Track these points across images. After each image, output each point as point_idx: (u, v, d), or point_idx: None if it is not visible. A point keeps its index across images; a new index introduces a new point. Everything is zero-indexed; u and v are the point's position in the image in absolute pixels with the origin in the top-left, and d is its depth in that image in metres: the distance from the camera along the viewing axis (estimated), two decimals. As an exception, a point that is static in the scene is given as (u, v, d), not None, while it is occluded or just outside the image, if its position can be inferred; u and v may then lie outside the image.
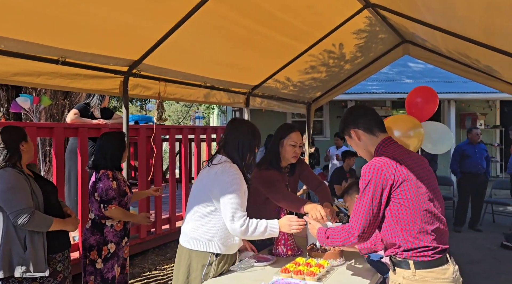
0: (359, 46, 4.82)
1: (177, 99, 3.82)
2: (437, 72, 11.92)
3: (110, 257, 2.81)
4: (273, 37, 3.67)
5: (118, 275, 2.89)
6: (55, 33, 2.40)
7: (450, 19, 3.11)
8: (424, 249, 1.70)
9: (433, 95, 4.08)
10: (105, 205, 2.74)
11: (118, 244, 2.86)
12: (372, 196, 1.69)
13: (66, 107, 5.75)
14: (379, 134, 1.85)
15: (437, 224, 1.72)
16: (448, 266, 1.72)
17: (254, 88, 4.76)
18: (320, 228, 1.95)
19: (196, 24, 2.86)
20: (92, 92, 3.92)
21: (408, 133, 2.82)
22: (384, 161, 1.72)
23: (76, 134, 3.64)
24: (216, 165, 2.16)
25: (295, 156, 2.62)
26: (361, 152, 1.92)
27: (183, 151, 5.11)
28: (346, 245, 1.82)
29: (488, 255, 4.91)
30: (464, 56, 4.38)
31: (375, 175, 1.69)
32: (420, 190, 1.70)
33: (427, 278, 1.69)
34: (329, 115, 10.22)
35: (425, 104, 3.88)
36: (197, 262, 2.12)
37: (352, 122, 1.89)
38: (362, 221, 1.71)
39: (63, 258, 2.48)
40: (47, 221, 2.34)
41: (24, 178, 2.32)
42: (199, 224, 2.13)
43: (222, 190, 2.07)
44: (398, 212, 1.70)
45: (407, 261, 1.71)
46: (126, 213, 2.86)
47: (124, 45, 2.85)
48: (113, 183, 2.79)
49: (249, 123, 2.33)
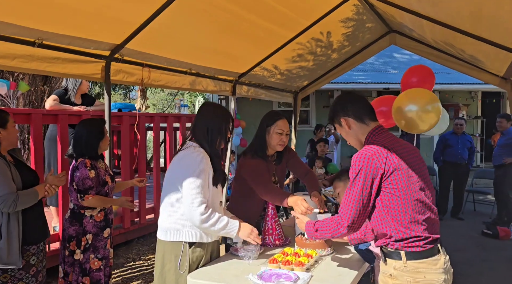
0: (346, 35, 4.77)
1: (161, 86, 3.72)
2: (422, 62, 12.02)
3: (88, 248, 2.73)
4: (260, 24, 3.59)
5: (100, 267, 2.80)
6: (31, 13, 2.27)
7: (438, 8, 3.08)
8: (416, 239, 1.67)
9: (430, 74, 3.86)
10: (82, 195, 2.65)
11: (97, 234, 2.77)
12: (363, 185, 1.65)
13: (45, 93, 5.56)
14: (370, 122, 1.81)
15: (428, 213, 1.70)
16: (440, 257, 1.70)
17: (241, 76, 4.68)
18: (308, 222, 1.92)
19: (182, 7, 2.76)
20: (72, 77, 3.77)
21: (426, 108, 2.63)
22: (374, 149, 1.68)
23: (56, 121, 3.51)
24: (180, 150, 2.12)
25: (282, 144, 2.57)
26: (351, 141, 1.87)
27: (168, 139, 5.01)
28: (336, 236, 1.79)
29: (471, 243, 5.00)
30: (449, 46, 4.39)
31: (365, 164, 1.65)
32: (411, 179, 1.67)
33: (418, 268, 1.67)
34: (315, 105, 10.21)
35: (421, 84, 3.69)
36: (170, 253, 2.07)
37: (342, 110, 1.85)
38: (352, 211, 1.67)
39: (38, 250, 2.40)
40: (32, 195, 2.28)
41: (4, 163, 2.24)
42: (168, 213, 2.08)
43: (183, 174, 2.01)
44: (389, 202, 1.67)
45: (399, 251, 1.68)
46: (104, 199, 2.75)
47: (106, 28, 2.73)
48: (91, 172, 2.68)
49: (218, 107, 2.25)
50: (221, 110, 2.22)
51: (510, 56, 3.51)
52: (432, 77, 3.75)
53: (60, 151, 3.54)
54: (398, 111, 2.40)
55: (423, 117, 2.44)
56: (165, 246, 2.09)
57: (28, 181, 2.37)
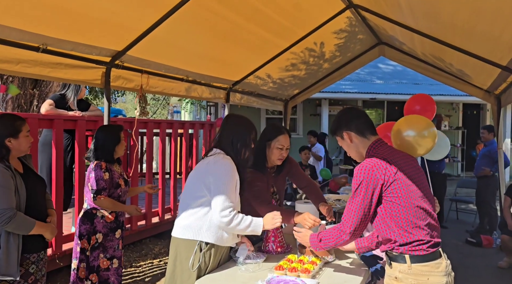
0: (338, 46, 4.89)
1: (158, 93, 3.74)
2: (405, 74, 12.33)
3: (97, 246, 2.82)
4: (257, 33, 3.66)
5: (108, 266, 2.86)
6: (37, 19, 2.27)
7: (432, 23, 3.21)
8: (419, 243, 1.77)
9: (431, 103, 4.15)
10: (95, 195, 2.75)
11: (107, 234, 2.86)
12: (364, 196, 1.76)
13: (35, 97, 5.48)
14: (370, 137, 1.91)
15: (429, 219, 1.80)
16: (442, 260, 1.80)
17: (235, 83, 4.73)
18: (312, 234, 2.00)
19: (184, 16, 2.80)
20: (73, 83, 3.74)
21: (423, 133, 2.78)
22: (374, 161, 1.78)
23: (51, 126, 3.47)
24: (209, 156, 2.18)
25: (281, 159, 2.60)
26: (352, 153, 1.97)
27: (161, 145, 5.00)
28: (339, 244, 1.87)
29: (455, 251, 5.13)
30: (439, 60, 4.55)
31: (366, 176, 1.75)
32: (410, 188, 1.77)
33: (422, 271, 1.76)
34: (302, 113, 10.34)
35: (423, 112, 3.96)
36: (183, 251, 2.09)
37: (345, 125, 1.94)
38: (354, 219, 1.78)
39: (38, 259, 2.35)
40: (28, 224, 2.20)
41: (10, 175, 2.17)
42: (190, 213, 2.12)
43: (213, 179, 2.07)
44: (391, 209, 1.77)
45: (403, 255, 1.78)
46: (115, 203, 2.85)
47: (108, 35, 2.74)
48: (105, 174, 2.79)
49: (244, 119, 2.31)
50: (245, 121, 2.29)
51: (497, 71, 3.67)
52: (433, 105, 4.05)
53: (55, 155, 3.49)
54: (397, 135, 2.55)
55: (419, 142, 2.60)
56: (178, 244, 2.12)
57: (34, 190, 2.32)
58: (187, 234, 2.10)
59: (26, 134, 2.28)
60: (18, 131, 2.23)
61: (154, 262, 4.48)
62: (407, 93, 10.34)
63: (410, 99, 4.38)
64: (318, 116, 10.56)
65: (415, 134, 2.61)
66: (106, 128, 2.95)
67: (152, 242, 5.05)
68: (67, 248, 3.61)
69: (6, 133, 2.20)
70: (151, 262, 4.46)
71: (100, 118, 4.06)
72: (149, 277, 4.08)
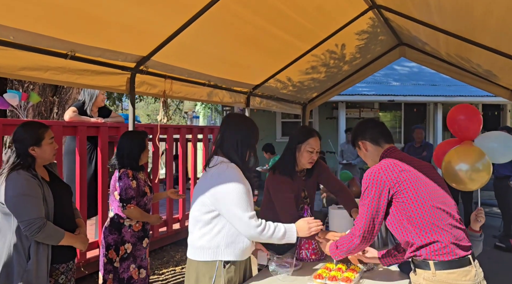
0: (359, 47, 4.82)
1: (181, 98, 3.71)
2: (422, 75, 12.17)
3: (127, 257, 2.77)
4: (279, 36, 3.62)
5: (138, 276, 2.83)
6: (66, 26, 2.26)
7: (462, 22, 3.12)
8: (440, 245, 1.69)
9: (477, 113, 3.89)
10: (124, 204, 2.70)
11: (135, 244, 2.82)
12: (371, 199, 1.78)
13: (55, 104, 5.52)
14: (384, 145, 1.96)
15: (450, 220, 1.74)
16: (471, 268, 1.70)
17: (255, 87, 4.69)
18: (331, 243, 2.01)
19: (208, 21, 2.77)
20: (99, 89, 3.75)
21: (476, 166, 2.65)
22: (382, 164, 1.82)
23: (75, 133, 3.47)
24: (211, 167, 2.01)
25: (311, 162, 2.54)
26: (369, 162, 2.01)
27: (181, 151, 4.98)
28: (351, 248, 1.86)
29: (484, 256, 4.96)
30: (464, 60, 4.44)
31: (372, 180, 1.78)
32: (425, 189, 1.75)
33: (447, 279, 1.67)
34: (318, 117, 10.24)
35: (468, 122, 3.81)
36: (204, 274, 1.95)
37: (360, 134, 2.03)
38: (362, 222, 1.80)
39: (67, 269, 2.33)
40: (58, 235, 2.18)
41: (37, 183, 2.15)
42: (202, 232, 1.98)
43: (222, 194, 1.91)
44: (405, 210, 1.74)
45: (427, 261, 1.70)
46: (143, 213, 2.81)
47: (134, 40, 2.73)
48: (133, 182, 2.75)
49: (245, 118, 2.17)
50: (248, 121, 2.13)
51: (528, 70, 3.56)
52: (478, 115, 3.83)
53: (78, 163, 3.49)
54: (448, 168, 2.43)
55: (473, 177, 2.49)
56: (198, 266, 1.98)
57: (61, 199, 2.30)
58: (204, 256, 1.96)
59: (49, 142, 2.25)
60: (40, 139, 2.21)
61: (177, 269, 4.44)
62: (425, 95, 10.19)
63: (454, 109, 4.12)
64: (335, 119, 10.45)
65: (468, 169, 2.49)
66: (130, 135, 2.91)
67: (173, 249, 5.02)
68: (92, 256, 3.59)
69: (30, 142, 2.18)
70: (174, 270, 4.42)
71: (122, 125, 4.05)
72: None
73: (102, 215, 3.55)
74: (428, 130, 10.82)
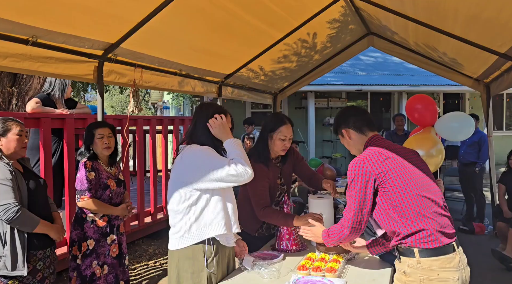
0: (330, 36, 4.82)
1: (151, 88, 3.57)
2: (387, 65, 12.44)
3: (89, 254, 2.65)
4: (253, 23, 3.54)
5: (103, 274, 2.69)
6: (26, 8, 2.09)
7: (433, 11, 3.16)
8: (425, 233, 1.69)
9: (430, 101, 4.54)
10: (79, 195, 2.59)
11: (99, 240, 2.68)
12: (358, 190, 1.75)
13: (13, 95, 5.18)
14: (368, 133, 1.92)
15: (435, 208, 1.73)
16: (455, 256, 1.71)
17: (227, 77, 4.60)
18: (324, 230, 1.97)
19: (181, 5, 2.66)
20: (64, 78, 3.53)
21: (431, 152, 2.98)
22: (366, 154, 1.78)
23: (38, 125, 3.26)
24: (178, 155, 1.98)
25: (284, 149, 2.51)
26: (353, 150, 1.98)
27: (151, 142, 4.82)
28: (341, 238, 1.84)
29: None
30: (431, 49, 4.54)
31: (357, 171, 1.75)
32: (410, 177, 1.74)
33: (431, 266, 1.68)
34: (287, 106, 10.25)
35: (424, 110, 4.38)
36: (188, 262, 1.90)
37: (343, 122, 1.97)
38: (351, 213, 1.77)
39: (44, 256, 2.32)
40: (33, 222, 2.20)
41: (9, 170, 2.15)
42: (184, 221, 1.93)
43: (196, 166, 1.86)
44: (391, 199, 1.73)
45: (412, 249, 1.71)
46: (103, 205, 2.66)
47: (102, 26, 2.57)
48: (90, 174, 2.61)
49: (219, 106, 2.12)
50: (220, 109, 2.08)
51: (493, 59, 3.68)
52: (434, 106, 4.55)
53: (43, 157, 3.29)
54: None
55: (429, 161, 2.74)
56: (180, 257, 1.93)
57: (35, 189, 2.28)
58: (192, 239, 1.90)
59: (16, 134, 2.24)
60: (7, 130, 2.23)
61: (150, 263, 4.33)
62: (390, 84, 10.43)
63: (411, 100, 4.69)
64: (304, 109, 10.52)
65: (423, 155, 2.68)
66: (87, 127, 2.77)
67: (145, 243, 4.89)
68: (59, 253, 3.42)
69: None
70: (147, 264, 4.31)
71: (89, 116, 3.86)
72: (146, 279, 3.93)
73: (70, 210, 3.38)
74: (393, 118, 11.13)
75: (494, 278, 3.99)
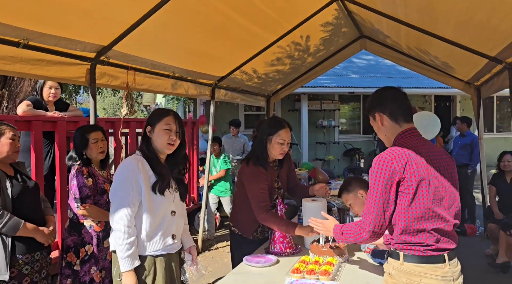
0: (323, 39, 4.84)
1: (144, 90, 3.56)
2: (379, 68, 12.52)
3: (88, 259, 2.59)
4: (247, 26, 3.54)
5: (101, 279, 2.65)
6: (17, 10, 2.07)
7: (425, 15, 3.19)
8: (418, 245, 1.63)
9: None
10: (78, 204, 2.54)
11: (98, 245, 2.64)
12: (382, 189, 1.60)
13: (4, 97, 5.13)
14: (403, 124, 1.74)
15: (440, 224, 1.63)
16: (444, 266, 1.63)
17: (220, 79, 4.59)
18: (336, 225, 1.85)
19: (176, 7, 2.65)
20: (56, 81, 3.49)
21: None
22: (396, 153, 1.63)
23: (29, 128, 3.22)
24: None
25: (283, 153, 2.51)
26: (382, 137, 1.82)
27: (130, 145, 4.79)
28: (358, 241, 1.72)
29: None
30: (423, 53, 4.58)
31: (384, 167, 1.61)
32: (429, 187, 1.61)
33: (414, 271, 1.63)
34: (281, 109, 10.26)
35: None
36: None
37: (378, 105, 1.78)
38: (373, 215, 1.61)
39: (32, 260, 2.27)
40: (15, 225, 2.15)
41: None
42: None
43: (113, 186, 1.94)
44: (399, 204, 1.63)
45: (398, 252, 1.66)
46: (103, 212, 2.63)
47: (94, 29, 2.55)
48: (88, 180, 2.57)
49: (158, 109, 2.10)
50: (157, 110, 2.06)
51: (483, 62, 3.72)
52: None
53: (34, 160, 3.25)
54: None
55: None
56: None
57: (24, 194, 2.24)
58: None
59: (9, 138, 2.22)
60: (0, 134, 2.21)
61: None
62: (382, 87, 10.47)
63: None
64: (297, 111, 10.54)
65: None
66: (77, 130, 2.71)
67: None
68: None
69: None
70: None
71: (80, 119, 3.83)
72: None
73: (61, 215, 3.33)
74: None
75: (486, 279, 4.03)
